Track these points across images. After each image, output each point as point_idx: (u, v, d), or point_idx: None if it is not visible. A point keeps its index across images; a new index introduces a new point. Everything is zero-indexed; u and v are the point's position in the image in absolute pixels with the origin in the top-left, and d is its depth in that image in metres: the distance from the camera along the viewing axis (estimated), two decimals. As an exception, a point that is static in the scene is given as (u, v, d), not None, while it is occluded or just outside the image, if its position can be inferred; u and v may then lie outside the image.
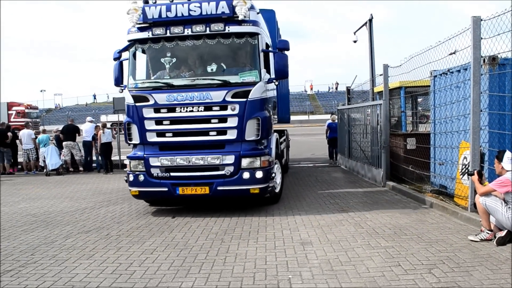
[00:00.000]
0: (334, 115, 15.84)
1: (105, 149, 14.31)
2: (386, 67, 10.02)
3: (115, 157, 14.99)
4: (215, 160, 7.30)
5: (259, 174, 7.27)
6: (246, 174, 7.25)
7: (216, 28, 7.18)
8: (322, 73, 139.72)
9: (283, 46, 7.63)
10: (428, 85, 8.77)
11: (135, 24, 7.37)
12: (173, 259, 5.24)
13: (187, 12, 7.15)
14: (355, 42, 22.62)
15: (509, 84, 6.32)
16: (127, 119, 7.62)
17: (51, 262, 5.29)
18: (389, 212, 7.24)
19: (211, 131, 7.31)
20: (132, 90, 7.61)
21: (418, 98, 12.74)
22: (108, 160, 14.43)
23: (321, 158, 16.44)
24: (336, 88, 64.42)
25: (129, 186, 7.73)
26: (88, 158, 15.10)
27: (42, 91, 71.22)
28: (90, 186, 11.65)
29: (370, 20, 19.80)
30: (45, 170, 14.43)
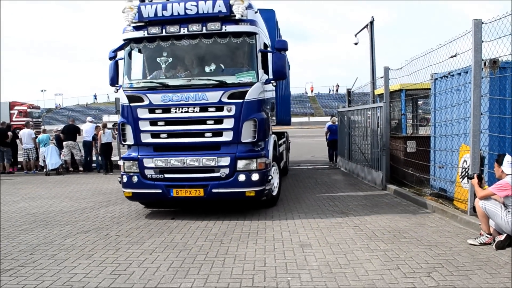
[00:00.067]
0: (335, 117, 15.83)
1: (105, 149, 14.32)
2: (387, 70, 10.02)
3: (115, 157, 14.97)
4: (210, 162, 7.19)
5: (255, 177, 7.14)
6: (242, 177, 7.12)
7: (213, 28, 7.08)
8: (323, 75, 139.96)
9: (281, 46, 7.52)
10: (429, 88, 8.78)
11: (131, 23, 7.28)
12: (172, 260, 5.23)
13: (183, 11, 7.06)
14: (356, 44, 22.62)
15: (510, 88, 6.32)
16: (122, 120, 7.53)
17: (50, 262, 5.28)
18: (389, 215, 7.23)
19: (207, 133, 7.21)
20: (127, 90, 7.51)
21: (419, 101, 12.74)
22: (108, 160, 14.44)
23: (321, 160, 16.43)
24: (337, 90, 64.43)
25: (123, 188, 7.63)
26: (88, 158, 15.11)
27: (43, 91, 71.20)
28: (90, 186, 11.65)
29: (371, 23, 19.78)
30: (45, 170, 14.43)
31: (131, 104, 7.36)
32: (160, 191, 7.30)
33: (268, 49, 8.17)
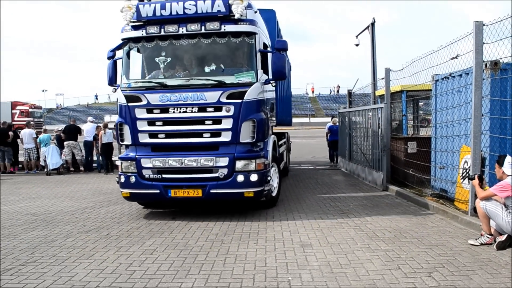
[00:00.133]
0: (335, 118, 15.84)
1: (106, 149, 14.34)
2: (388, 71, 10.03)
3: (116, 157, 14.97)
4: (209, 162, 7.12)
5: (254, 177, 7.08)
6: (240, 177, 7.05)
7: (212, 27, 7.02)
8: (323, 76, 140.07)
9: (281, 46, 7.46)
10: (430, 89, 8.78)
11: (129, 22, 7.22)
12: (173, 260, 5.24)
13: (182, 11, 7.01)
14: (357, 46, 22.61)
15: (511, 89, 6.33)
16: (119, 119, 7.47)
17: (51, 261, 5.29)
18: (390, 216, 7.24)
19: (205, 133, 7.15)
20: (125, 90, 7.44)
21: (420, 102, 12.76)
22: (109, 160, 14.45)
23: (322, 161, 16.44)
24: (338, 91, 64.45)
25: (120, 188, 7.59)
26: (89, 158, 15.13)
27: (44, 91, 71.18)
28: (91, 186, 11.67)
29: (372, 24, 19.77)
30: (46, 170, 14.44)
31: (129, 104, 7.30)
32: (158, 192, 7.25)
33: (268, 49, 8.11)
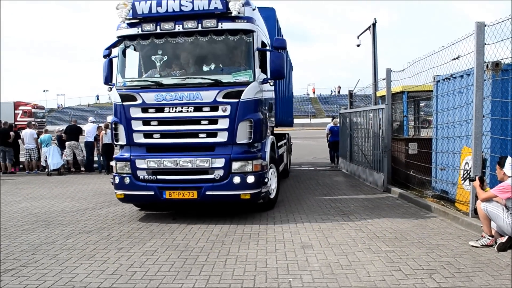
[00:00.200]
0: (336, 119, 15.85)
1: (107, 150, 14.33)
2: (389, 72, 10.03)
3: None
4: (204, 163, 6.98)
5: (251, 179, 6.93)
6: (237, 179, 6.91)
7: (208, 25, 6.87)
8: (324, 76, 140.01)
9: (280, 45, 7.33)
10: (431, 90, 8.78)
11: (124, 20, 7.11)
12: (174, 261, 5.24)
13: (178, 8, 6.88)
14: (359, 46, 22.60)
15: (512, 90, 6.33)
16: (114, 119, 7.33)
17: (52, 262, 5.29)
18: (390, 217, 7.23)
19: (201, 133, 7.00)
20: (120, 89, 7.31)
21: (421, 103, 12.75)
22: (110, 161, 14.43)
23: (323, 162, 16.44)
24: (339, 92, 64.41)
25: (115, 189, 7.46)
26: (90, 159, 15.14)
27: (45, 91, 71.05)
28: (92, 187, 11.67)
29: (374, 25, 19.76)
30: (47, 170, 14.45)
31: (124, 103, 7.17)
32: (153, 193, 7.12)
33: (267, 48, 7.97)
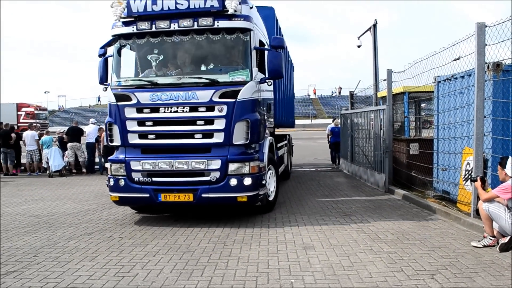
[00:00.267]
0: (337, 120, 15.85)
1: (108, 151, 14.31)
2: (390, 72, 10.03)
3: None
4: (200, 165, 6.84)
5: (248, 181, 6.78)
6: (233, 181, 6.77)
7: (205, 23, 6.74)
8: (324, 77, 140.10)
9: (277, 44, 7.25)
10: (432, 91, 8.78)
11: (119, 18, 6.98)
12: (176, 262, 5.24)
13: (174, 6, 6.76)
14: (359, 47, 22.61)
15: (513, 91, 6.32)
16: (109, 119, 7.20)
17: (54, 264, 5.30)
18: (392, 217, 7.23)
19: (197, 134, 6.88)
20: (115, 88, 7.20)
21: (422, 104, 12.74)
22: (111, 162, 14.46)
23: (324, 163, 16.44)
24: (339, 93, 64.43)
25: (109, 192, 7.32)
26: (91, 160, 15.16)
27: (46, 93, 71.03)
28: (93, 188, 11.68)
29: (374, 26, 19.76)
30: (48, 172, 14.48)
31: (119, 103, 7.05)
32: (148, 196, 6.98)
33: (265, 47, 7.89)
